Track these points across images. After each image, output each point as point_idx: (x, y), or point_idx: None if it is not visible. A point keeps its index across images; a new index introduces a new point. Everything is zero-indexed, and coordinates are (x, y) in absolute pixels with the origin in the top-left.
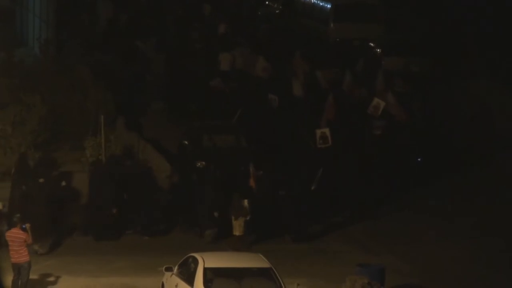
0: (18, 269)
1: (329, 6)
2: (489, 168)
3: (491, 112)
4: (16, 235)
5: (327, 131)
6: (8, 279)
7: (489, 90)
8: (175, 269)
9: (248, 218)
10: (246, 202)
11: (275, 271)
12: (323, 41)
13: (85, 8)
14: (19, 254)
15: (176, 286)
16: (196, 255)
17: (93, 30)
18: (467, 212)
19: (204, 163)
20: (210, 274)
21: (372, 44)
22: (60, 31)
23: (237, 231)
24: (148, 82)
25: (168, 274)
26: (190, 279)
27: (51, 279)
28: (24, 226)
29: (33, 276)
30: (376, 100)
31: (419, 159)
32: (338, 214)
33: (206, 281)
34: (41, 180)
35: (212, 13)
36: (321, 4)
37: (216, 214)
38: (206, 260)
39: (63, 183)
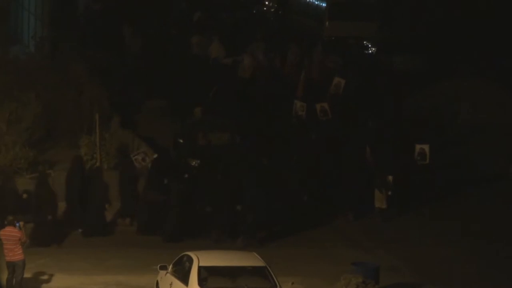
0: (12, 267)
1: (324, 4)
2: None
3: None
4: (10, 233)
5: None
6: (3, 277)
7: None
8: (170, 268)
9: (390, 193)
10: (390, 177)
11: (269, 269)
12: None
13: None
14: (13, 252)
15: (171, 284)
16: (191, 253)
17: (84, 24)
18: (461, 212)
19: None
20: (205, 273)
21: (366, 42)
22: (55, 29)
23: (379, 204)
24: (136, 73)
25: (162, 272)
26: (184, 278)
27: (45, 277)
28: (18, 224)
29: (27, 274)
30: (337, 79)
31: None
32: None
33: (200, 280)
34: None
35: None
36: (316, 2)
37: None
38: (201, 259)
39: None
